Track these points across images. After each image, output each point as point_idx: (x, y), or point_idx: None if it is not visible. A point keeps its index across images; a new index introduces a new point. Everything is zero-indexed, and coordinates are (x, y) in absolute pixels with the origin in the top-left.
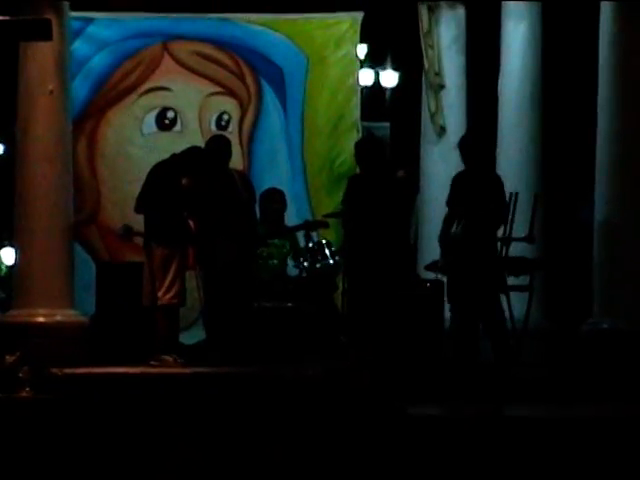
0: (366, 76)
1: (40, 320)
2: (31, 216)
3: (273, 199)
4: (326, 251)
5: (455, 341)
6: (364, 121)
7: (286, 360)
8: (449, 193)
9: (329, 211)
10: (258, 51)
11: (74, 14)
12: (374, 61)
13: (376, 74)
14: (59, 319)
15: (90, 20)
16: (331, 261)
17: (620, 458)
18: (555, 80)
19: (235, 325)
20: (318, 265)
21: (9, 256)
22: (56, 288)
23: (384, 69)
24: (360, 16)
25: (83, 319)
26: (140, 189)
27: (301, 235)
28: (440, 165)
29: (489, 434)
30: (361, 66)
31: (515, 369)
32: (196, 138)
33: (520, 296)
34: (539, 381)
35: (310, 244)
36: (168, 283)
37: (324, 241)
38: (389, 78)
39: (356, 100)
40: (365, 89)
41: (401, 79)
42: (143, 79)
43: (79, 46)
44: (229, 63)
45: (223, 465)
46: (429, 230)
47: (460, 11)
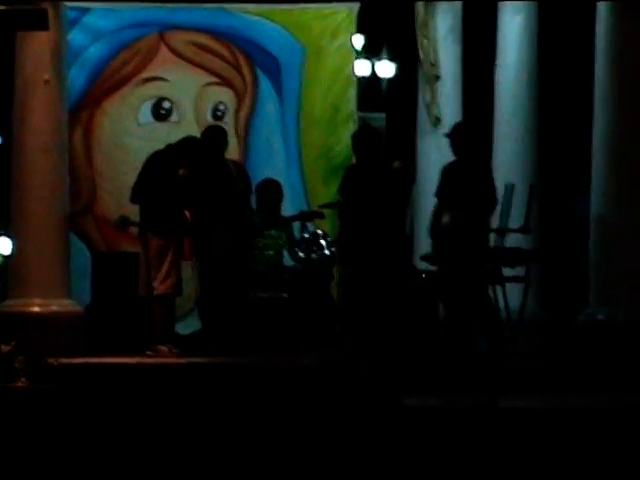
0: (362, 67)
1: (36, 310)
2: (27, 206)
3: (269, 190)
4: (322, 242)
5: (447, 332)
6: (360, 112)
7: (282, 350)
8: (438, 184)
9: (325, 201)
10: (254, 41)
11: (70, 4)
12: (370, 52)
13: (372, 65)
14: (55, 309)
15: (86, 10)
16: (327, 252)
17: (616, 449)
18: (551, 71)
19: (231, 315)
20: (314, 256)
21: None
22: (52, 278)
23: (380, 60)
24: (356, 7)
25: (79, 309)
26: (136, 179)
27: (297, 226)
28: (436, 156)
29: (485, 425)
30: (357, 57)
31: (511, 360)
32: (192, 128)
33: (516, 287)
34: (535, 372)
35: (306, 235)
36: (164, 273)
37: (320, 232)
38: (385, 69)
39: (352, 91)
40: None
41: (397, 70)
42: (139, 69)
43: (75, 36)
44: (225, 53)
45: (219, 455)
46: (425, 221)
47: (456, 2)
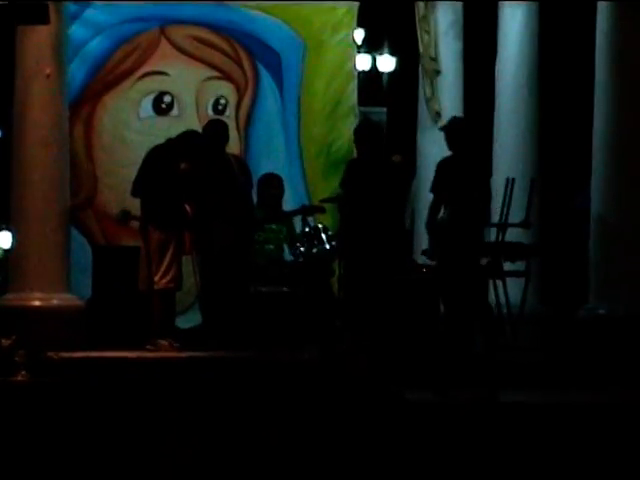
0: (363, 61)
1: (36, 304)
2: (27, 200)
3: (271, 184)
4: (322, 236)
5: (446, 328)
6: (361, 106)
7: (282, 345)
8: (433, 179)
9: (325, 196)
10: (255, 35)
11: None
12: (371, 46)
13: (373, 59)
14: (55, 303)
15: (87, 4)
16: (327, 246)
17: (616, 444)
18: (552, 65)
19: (231, 310)
20: (315, 250)
21: (5, 240)
22: (52, 272)
23: (381, 54)
24: (357, 2)
25: (79, 303)
26: (136, 173)
27: (298, 220)
28: (436, 150)
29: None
30: (358, 51)
31: (511, 354)
32: (193, 122)
33: (516, 281)
34: (535, 366)
35: (307, 229)
36: (165, 267)
37: (321, 226)
38: (386, 63)
39: (353, 85)
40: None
41: (398, 64)
42: (140, 63)
43: (76, 30)
44: (226, 47)
45: (219, 450)
46: (425, 215)
47: None
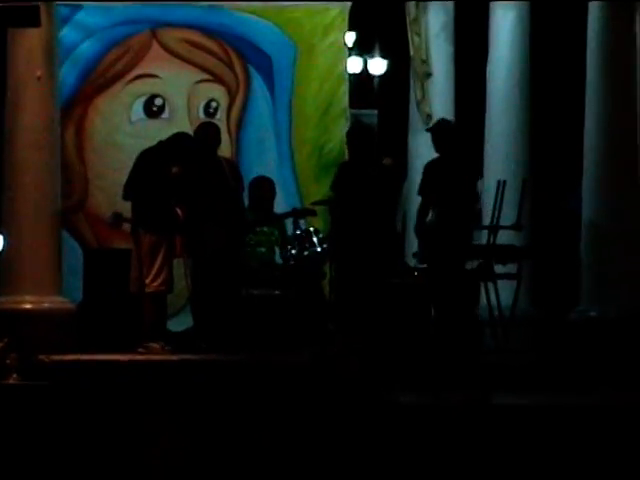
0: (354, 63)
1: (28, 307)
2: (19, 203)
3: (262, 187)
4: (314, 239)
5: (436, 330)
6: (352, 108)
7: (274, 347)
8: (421, 182)
9: (317, 198)
10: (246, 39)
11: (62, 1)
12: (362, 49)
13: (364, 62)
14: (47, 306)
15: (78, 7)
16: (319, 249)
17: (608, 446)
18: (543, 66)
19: (223, 312)
20: (306, 253)
21: None
22: (44, 275)
23: (372, 57)
24: (348, 4)
25: (71, 306)
26: (127, 176)
27: (289, 223)
28: (427, 153)
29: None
30: (349, 54)
31: (503, 356)
32: (184, 125)
33: (508, 284)
34: (527, 369)
35: (298, 232)
36: (156, 270)
37: (312, 229)
38: (377, 66)
39: (344, 88)
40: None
41: (389, 67)
42: (131, 66)
43: (67, 33)
44: (217, 50)
45: (211, 452)
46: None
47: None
